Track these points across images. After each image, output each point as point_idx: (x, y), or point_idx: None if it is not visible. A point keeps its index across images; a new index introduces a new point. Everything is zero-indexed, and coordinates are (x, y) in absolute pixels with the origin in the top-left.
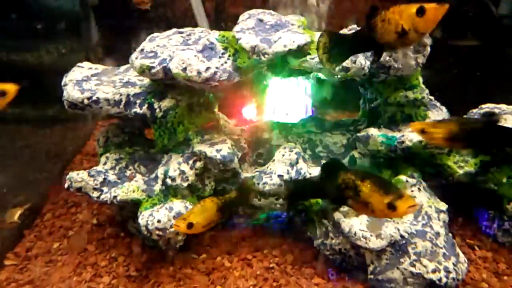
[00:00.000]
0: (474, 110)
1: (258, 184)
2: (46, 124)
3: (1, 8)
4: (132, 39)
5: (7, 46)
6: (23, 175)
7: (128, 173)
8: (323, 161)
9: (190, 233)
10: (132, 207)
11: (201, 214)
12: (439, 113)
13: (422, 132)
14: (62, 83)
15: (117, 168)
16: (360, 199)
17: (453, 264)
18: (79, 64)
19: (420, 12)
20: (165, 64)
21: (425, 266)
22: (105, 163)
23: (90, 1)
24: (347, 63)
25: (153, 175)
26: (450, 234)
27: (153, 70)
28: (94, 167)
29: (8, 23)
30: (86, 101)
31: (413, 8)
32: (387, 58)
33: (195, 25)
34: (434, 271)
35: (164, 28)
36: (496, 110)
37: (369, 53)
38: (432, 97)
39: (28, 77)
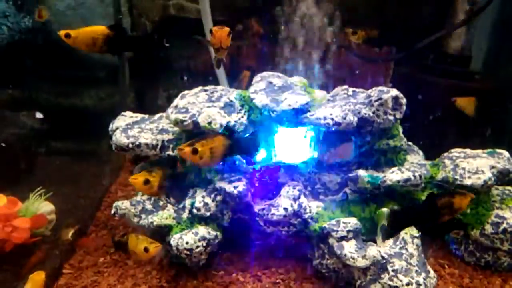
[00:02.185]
0: (445, 154)
1: (267, 214)
2: (86, 157)
3: (54, 59)
4: (159, 87)
5: (57, 91)
6: (70, 201)
7: (161, 203)
8: (321, 197)
9: (195, 162)
10: (161, 232)
11: (207, 145)
12: (416, 156)
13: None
14: (110, 129)
15: (152, 199)
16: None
17: (423, 278)
18: (122, 113)
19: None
20: (195, 118)
21: (400, 280)
22: (142, 195)
23: (126, 54)
24: (338, 119)
25: (181, 206)
26: (423, 255)
27: (185, 123)
28: (134, 198)
29: (58, 72)
30: (130, 145)
31: None
32: (371, 114)
33: (214, 74)
34: (408, 284)
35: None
36: (462, 155)
37: (357, 110)
38: (410, 143)
39: (73, 117)
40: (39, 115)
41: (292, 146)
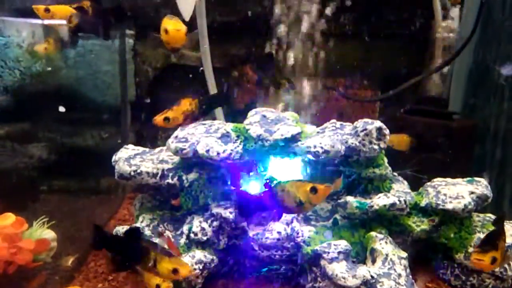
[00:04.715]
0: (428, 183)
1: (262, 239)
2: (86, 194)
3: (60, 101)
4: (158, 128)
5: (62, 131)
6: (70, 234)
7: (160, 229)
8: (313, 222)
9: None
10: None
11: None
12: (401, 185)
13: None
14: (113, 160)
15: (151, 225)
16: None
17: None
18: (125, 146)
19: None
20: (194, 147)
21: None
22: (142, 221)
23: (128, 98)
24: (327, 147)
25: (178, 232)
26: (410, 276)
27: (184, 151)
28: (134, 224)
29: (63, 114)
30: (132, 173)
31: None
32: (357, 144)
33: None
34: None
35: None
36: (443, 183)
37: (344, 140)
38: (395, 173)
39: (75, 156)
40: (62, 109)
41: (285, 176)
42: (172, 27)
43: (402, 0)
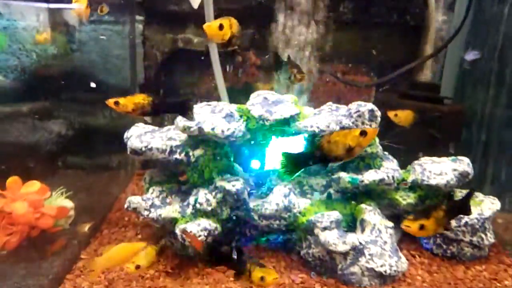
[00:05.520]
0: (415, 161)
1: (261, 209)
2: (98, 170)
3: (74, 82)
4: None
5: (77, 111)
6: (85, 204)
7: (168, 200)
8: (308, 196)
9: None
10: (168, 226)
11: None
12: (391, 163)
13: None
14: (125, 137)
15: (160, 197)
16: None
17: (395, 261)
18: (136, 124)
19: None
20: (200, 125)
21: (375, 263)
22: (152, 193)
23: (137, 80)
24: (322, 126)
25: (185, 203)
26: (395, 243)
27: (191, 129)
28: (144, 195)
29: (77, 94)
30: (143, 149)
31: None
32: (351, 124)
33: (216, 99)
34: (381, 266)
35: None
36: (429, 161)
37: (339, 120)
38: (386, 153)
39: (88, 134)
40: (92, 85)
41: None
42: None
43: None
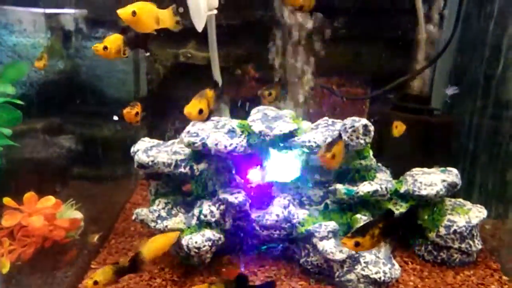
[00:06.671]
0: (407, 173)
1: (262, 220)
2: (103, 181)
3: (81, 96)
4: (168, 122)
5: (81, 123)
6: (93, 215)
7: (173, 212)
8: (307, 207)
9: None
10: None
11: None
12: (384, 174)
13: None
14: (131, 151)
15: (166, 208)
16: None
17: (389, 268)
18: (142, 139)
19: None
20: (204, 141)
21: (370, 270)
22: (158, 205)
23: (140, 94)
24: (319, 142)
25: (190, 214)
26: (389, 251)
27: (196, 144)
28: (151, 207)
29: (82, 107)
30: (150, 163)
31: None
32: (346, 139)
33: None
34: (376, 273)
35: None
36: (420, 172)
37: (335, 135)
38: (379, 164)
39: (93, 146)
40: (115, 118)
41: (283, 167)
42: None
43: (390, 7)
